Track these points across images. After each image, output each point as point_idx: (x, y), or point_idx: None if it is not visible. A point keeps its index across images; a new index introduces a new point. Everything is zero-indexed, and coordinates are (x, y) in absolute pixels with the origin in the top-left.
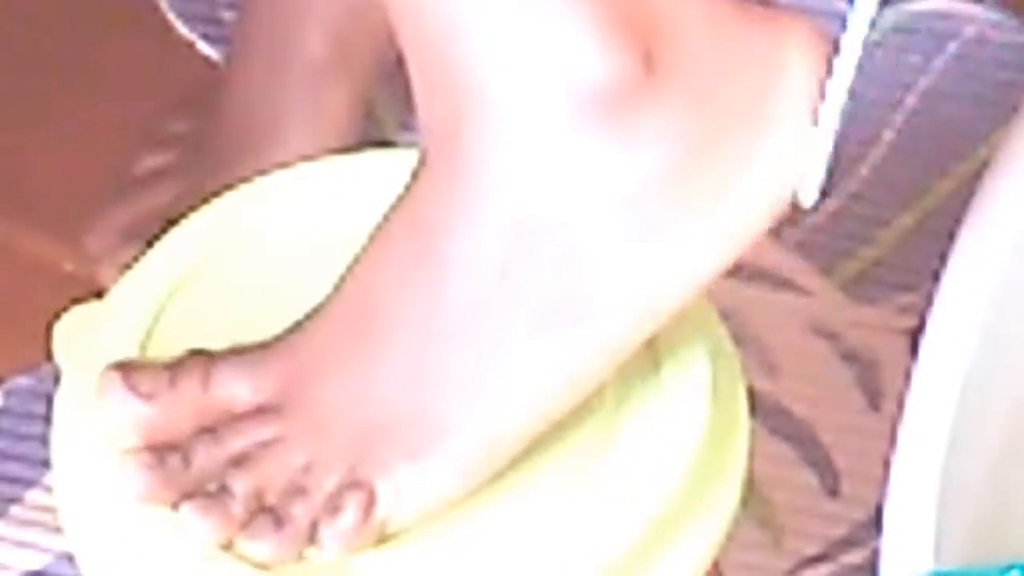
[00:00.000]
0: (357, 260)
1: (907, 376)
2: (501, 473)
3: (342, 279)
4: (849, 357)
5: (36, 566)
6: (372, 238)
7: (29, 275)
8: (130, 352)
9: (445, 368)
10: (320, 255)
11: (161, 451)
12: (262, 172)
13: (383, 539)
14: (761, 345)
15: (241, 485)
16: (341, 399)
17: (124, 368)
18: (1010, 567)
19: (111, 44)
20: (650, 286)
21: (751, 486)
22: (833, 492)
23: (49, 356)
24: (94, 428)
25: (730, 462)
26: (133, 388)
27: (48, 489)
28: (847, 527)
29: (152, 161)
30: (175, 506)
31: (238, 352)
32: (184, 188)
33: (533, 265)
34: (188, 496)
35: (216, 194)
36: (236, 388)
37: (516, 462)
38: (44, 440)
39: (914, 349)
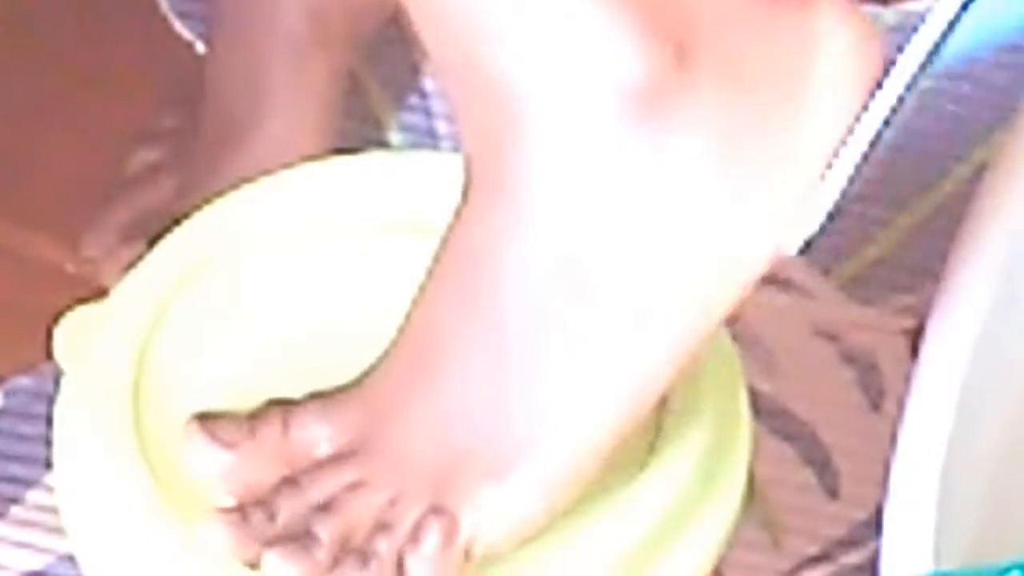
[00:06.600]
0: (419, 292)
1: (907, 376)
2: None
3: (407, 314)
4: (849, 358)
5: (36, 567)
6: (429, 267)
7: (29, 275)
8: (130, 353)
9: (517, 388)
10: (321, 255)
11: (245, 505)
12: (249, 154)
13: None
14: (761, 345)
15: (327, 531)
16: (418, 432)
17: (204, 418)
18: (1010, 567)
19: (111, 44)
20: (706, 282)
21: (751, 486)
22: (833, 492)
23: (49, 356)
24: (94, 429)
25: (731, 463)
26: (214, 437)
27: (48, 489)
28: (847, 527)
29: (145, 157)
30: (258, 555)
31: (316, 398)
32: (179, 182)
33: (589, 275)
34: (272, 543)
35: (216, 191)
36: (316, 433)
37: None
38: (44, 440)
39: (914, 349)
